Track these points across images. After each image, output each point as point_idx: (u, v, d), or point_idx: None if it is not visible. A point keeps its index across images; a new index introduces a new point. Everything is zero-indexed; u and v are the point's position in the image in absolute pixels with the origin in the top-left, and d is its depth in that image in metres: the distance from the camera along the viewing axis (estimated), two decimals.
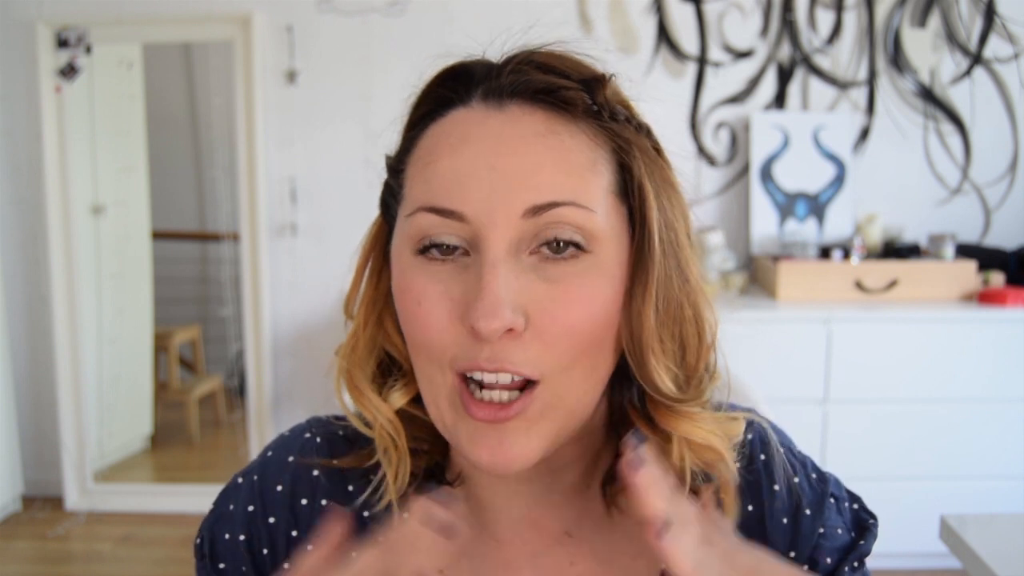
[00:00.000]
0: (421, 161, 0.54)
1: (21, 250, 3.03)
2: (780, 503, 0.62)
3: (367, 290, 0.60)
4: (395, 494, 0.59)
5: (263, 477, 0.64)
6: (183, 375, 3.60)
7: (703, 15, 2.80)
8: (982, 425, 2.36)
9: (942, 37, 2.77)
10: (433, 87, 0.57)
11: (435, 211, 0.52)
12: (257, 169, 2.88)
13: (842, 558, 0.61)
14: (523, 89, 0.53)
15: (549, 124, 0.53)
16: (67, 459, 2.98)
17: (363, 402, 0.59)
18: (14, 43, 2.90)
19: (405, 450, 0.59)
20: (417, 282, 0.52)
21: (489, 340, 0.50)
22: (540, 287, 0.51)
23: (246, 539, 0.62)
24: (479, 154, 0.52)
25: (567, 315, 0.51)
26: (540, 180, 0.51)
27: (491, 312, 0.48)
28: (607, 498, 0.61)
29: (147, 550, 2.71)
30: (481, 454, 0.52)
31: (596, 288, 0.52)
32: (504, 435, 0.52)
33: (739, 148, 2.84)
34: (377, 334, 0.60)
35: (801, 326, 2.35)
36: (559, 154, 0.52)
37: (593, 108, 0.54)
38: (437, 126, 0.55)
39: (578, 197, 0.51)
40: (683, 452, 0.56)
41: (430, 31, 2.80)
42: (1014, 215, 2.82)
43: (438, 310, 0.52)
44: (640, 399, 0.58)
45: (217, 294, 3.23)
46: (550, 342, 0.51)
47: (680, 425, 0.55)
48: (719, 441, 0.55)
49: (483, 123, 0.53)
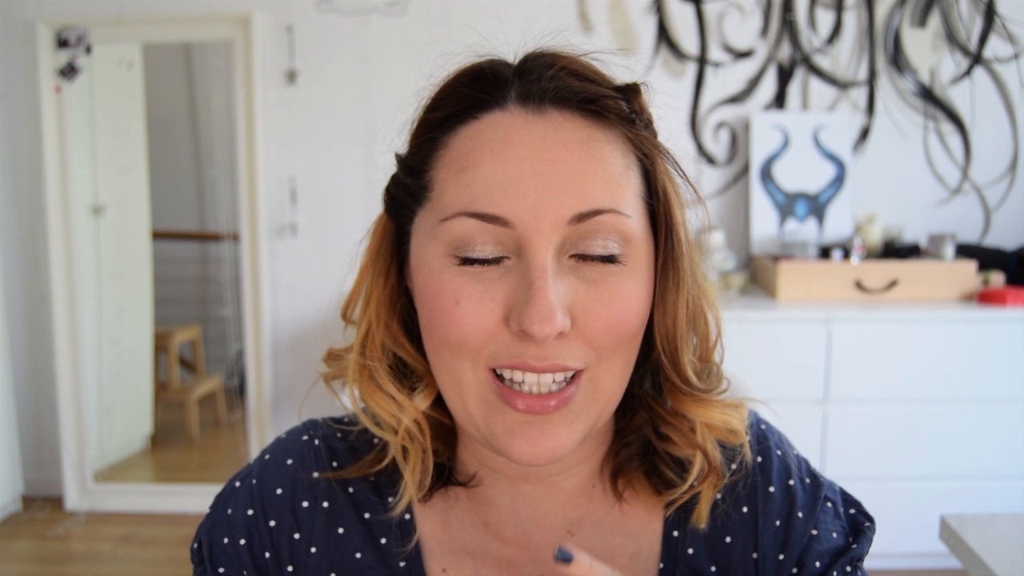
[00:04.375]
0: (455, 164, 0.54)
1: (21, 250, 3.03)
2: (774, 505, 0.63)
3: (374, 290, 0.60)
4: (416, 494, 0.60)
5: (262, 480, 0.63)
6: (183, 375, 3.60)
7: (703, 15, 2.80)
8: (982, 425, 2.36)
9: (942, 37, 2.77)
10: (458, 87, 0.56)
11: (478, 216, 0.52)
12: (257, 169, 2.88)
13: (832, 561, 0.61)
14: (564, 96, 0.54)
15: (589, 131, 0.54)
16: (67, 459, 2.98)
17: (380, 400, 0.59)
18: (14, 43, 2.91)
19: (428, 451, 0.60)
20: (455, 281, 0.53)
21: (540, 343, 0.51)
22: (582, 287, 0.53)
23: (247, 543, 0.62)
24: (524, 159, 0.52)
25: (609, 314, 0.53)
26: (584, 188, 0.52)
27: (545, 317, 0.50)
28: (616, 490, 0.62)
29: (147, 550, 2.71)
30: (523, 447, 0.53)
31: (633, 288, 0.54)
32: (547, 426, 0.53)
33: (739, 148, 2.84)
34: (386, 335, 0.60)
35: (801, 326, 2.35)
36: (599, 162, 0.53)
37: (630, 116, 0.55)
38: (471, 128, 0.54)
39: (617, 204, 0.53)
40: (705, 435, 0.59)
41: (430, 31, 2.80)
42: (1014, 215, 2.82)
43: (479, 309, 0.52)
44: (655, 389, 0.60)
45: (217, 294, 3.23)
46: (593, 340, 0.53)
47: (702, 411, 0.58)
48: (738, 423, 0.59)
49: (525, 128, 0.53)
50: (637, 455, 0.62)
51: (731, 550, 0.62)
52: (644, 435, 0.61)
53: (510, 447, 0.53)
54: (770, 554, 0.62)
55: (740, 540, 0.62)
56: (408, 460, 0.59)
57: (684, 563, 0.62)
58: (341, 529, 0.62)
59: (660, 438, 0.61)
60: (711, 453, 0.59)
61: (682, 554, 0.62)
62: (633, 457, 0.62)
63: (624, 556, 0.62)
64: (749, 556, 0.62)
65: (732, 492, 0.63)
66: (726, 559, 0.62)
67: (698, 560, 0.62)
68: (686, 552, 0.62)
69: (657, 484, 0.62)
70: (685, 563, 0.62)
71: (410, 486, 0.59)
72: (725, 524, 0.62)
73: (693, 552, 0.62)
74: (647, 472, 0.62)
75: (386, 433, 0.60)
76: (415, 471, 0.59)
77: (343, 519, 0.62)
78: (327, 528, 0.62)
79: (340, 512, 0.62)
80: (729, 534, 0.62)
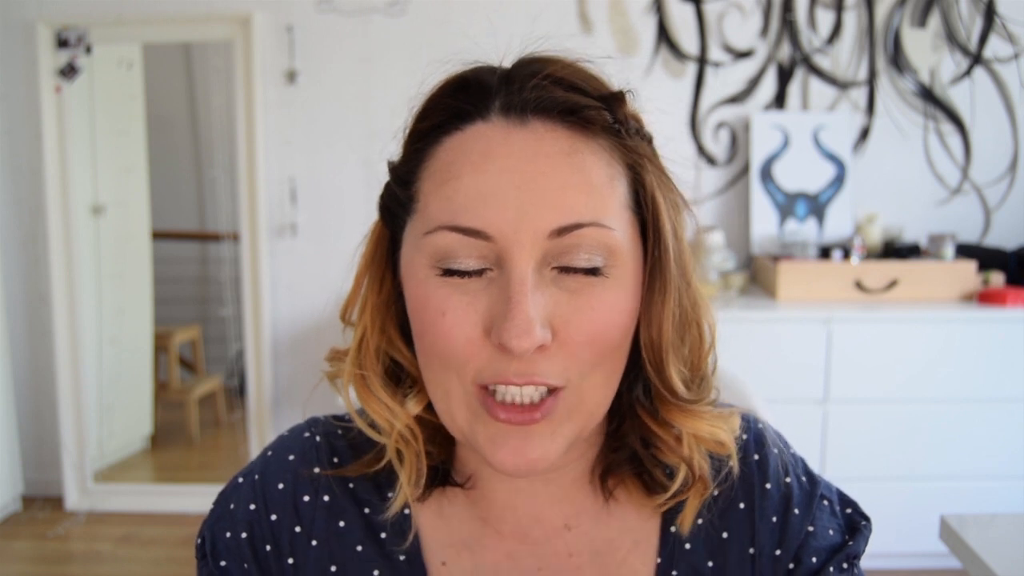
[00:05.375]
0: (438, 176, 0.54)
1: (21, 250, 3.03)
2: (770, 501, 0.63)
3: (370, 296, 0.60)
4: (411, 495, 0.60)
5: (264, 476, 0.64)
6: (183, 375, 3.60)
7: (703, 15, 2.80)
8: (982, 425, 2.36)
9: (942, 37, 2.77)
10: (444, 98, 0.56)
11: (458, 230, 0.51)
12: (257, 169, 2.88)
13: (828, 558, 0.62)
14: (546, 106, 0.53)
15: (572, 142, 0.53)
16: (67, 459, 2.98)
17: (374, 406, 0.59)
18: (14, 43, 2.91)
19: (422, 453, 0.60)
20: (440, 293, 0.53)
21: (520, 357, 0.51)
22: (563, 298, 0.52)
23: (248, 537, 0.62)
24: (504, 172, 0.51)
25: (591, 326, 0.52)
26: (565, 201, 0.51)
27: (523, 332, 0.49)
28: (605, 490, 0.63)
29: (147, 550, 2.71)
30: (505, 457, 0.53)
31: (615, 298, 0.53)
32: (528, 437, 0.53)
33: (739, 148, 2.84)
34: (381, 340, 0.60)
35: (801, 326, 2.35)
36: (582, 173, 0.52)
37: (614, 126, 0.55)
38: (454, 140, 0.54)
39: (599, 217, 0.52)
40: (692, 446, 0.59)
41: (430, 31, 2.80)
42: (1014, 215, 2.82)
43: (464, 322, 0.52)
44: (646, 396, 0.60)
45: (217, 294, 3.23)
46: (574, 351, 0.52)
47: (690, 422, 0.57)
48: (725, 435, 0.58)
49: (506, 140, 0.52)
50: (626, 460, 0.62)
51: (728, 546, 0.63)
52: (631, 443, 0.61)
53: (493, 456, 0.53)
54: (766, 550, 0.62)
55: (737, 536, 0.63)
56: (403, 463, 0.60)
57: (682, 558, 0.62)
58: (342, 523, 0.62)
59: (646, 446, 0.61)
60: (696, 464, 0.59)
61: (680, 549, 0.63)
62: (623, 462, 0.62)
63: (622, 550, 0.63)
64: (746, 552, 0.62)
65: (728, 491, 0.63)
66: (723, 555, 0.62)
67: (696, 556, 0.62)
68: (683, 547, 0.63)
69: (648, 484, 0.62)
70: (683, 558, 0.62)
71: (405, 487, 0.60)
72: (722, 520, 0.63)
73: (691, 547, 0.63)
74: (638, 473, 0.62)
75: (382, 436, 0.60)
76: (410, 473, 0.60)
77: (344, 513, 0.63)
78: (328, 522, 0.62)
79: (341, 506, 0.63)
80: (726, 530, 0.63)
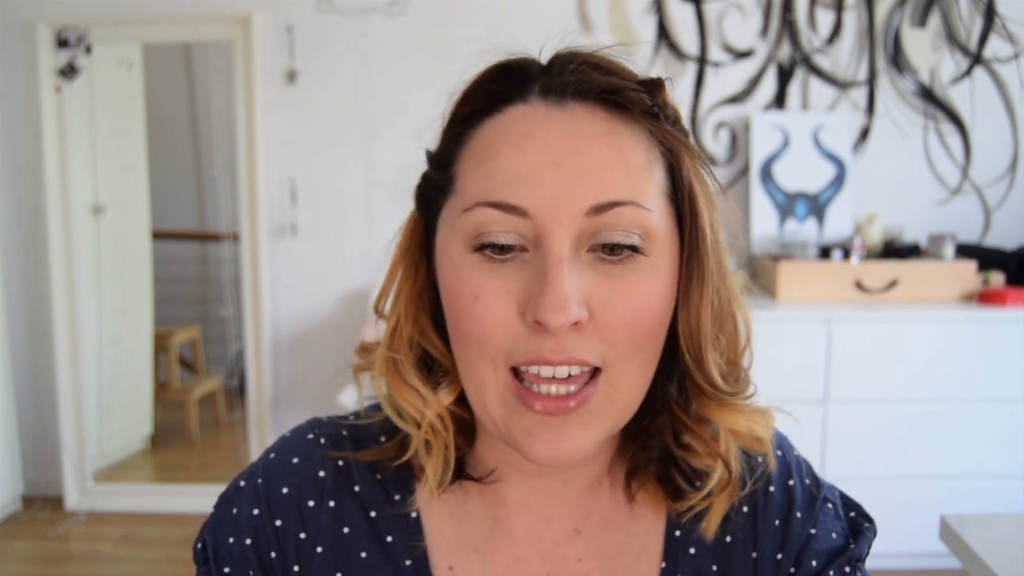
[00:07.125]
0: (477, 156, 0.54)
1: (21, 250, 3.03)
2: (773, 504, 0.63)
3: (404, 286, 0.60)
4: (436, 488, 0.59)
5: (267, 480, 0.63)
6: (183, 375, 3.61)
7: (703, 15, 2.80)
8: (982, 425, 2.36)
9: (942, 37, 2.77)
10: (485, 83, 0.56)
11: (496, 206, 0.52)
12: (257, 169, 2.88)
13: (829, 561, 0.61)
14: (586, 88, 0.54)
15: (611, 124, 0.53)
16: (67, 459, 2.98)
17: (405, 394, 0.59)
18: (14, 43, 2.91)
19: (451, 445, 0.59)
20: (474, 277, 0.53)
21: (555, 334, 0.51)
22: (601, 281, 0.52)
23: (253, 542, 0.61)
24: (543, 150, 0.52)
25: (627, 309, 0.52)
26: (603, 179, 0.52)
27: (559, 306, 0.49)
28: (628, 492, 0.62)
29: (147, 550, 2.71)
30: (540, 448, 0.53)
31: (653, 284, 0.53)
32: (564, 427, 0.53)
33: (739, 148, 2.84)
34: (414, 330, 0.60)
35: (801, 326, 2.35)
36: (619, 154, 0.53)
37: (652, 110, 0.55)
38: (494, 121, 0.55)
39: (637, 197, 0.52)
40: (728, 442, 0.58)
41: (430, 31, 2.80)
42: (1014, 215, 2.82)
43: (498, 304, 0.52)
44: (680, 394, 0.59)
45: (217, 294, 3.23)
46: (610, 335, 0.52)
47: (727, 417, 0.57)
48: (763, 430, 0.58)
49: (545, 120, 0.53)
50: (655, 460, 0.61)
51: (732, 550, 0.62)
52: (663, 441, 0.60)
53: (528, 448, 0.53)
54: (768, 553, 0.62)
55: (740, 540, 0.62)
56: (431, 454, 0.59)
57: (686, 563, 0.62)
58: (347, 528, 0.62)
59: (680, 446, 0.60)
60: (732, 464, 0.58)
61: (684, 554, 0.62)
62: (651, 462, 0.61)
63: (629, 555, 0.62)
64: (748, 555, 0.62)
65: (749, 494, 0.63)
66: (727, 559, 0.62)
67: (700, 560, 0.62)
68: (688, 552, 0.62)
69: (668, 490, 0.61)
70: (687, 563, 0.62)
71: (431, 480, 0.59)
72: (726, 524, 0.62)
73: (695, 552, 0.62)
74: (660, 477, 0.62)
75: (409, 426, 0.60)
76: (436, 465, 0.59)
77: (349, 518, 0.62)
78: (333, 527, 0.61)
79: (346, 511, 0.62)
80: (729, 534, 0.62)
